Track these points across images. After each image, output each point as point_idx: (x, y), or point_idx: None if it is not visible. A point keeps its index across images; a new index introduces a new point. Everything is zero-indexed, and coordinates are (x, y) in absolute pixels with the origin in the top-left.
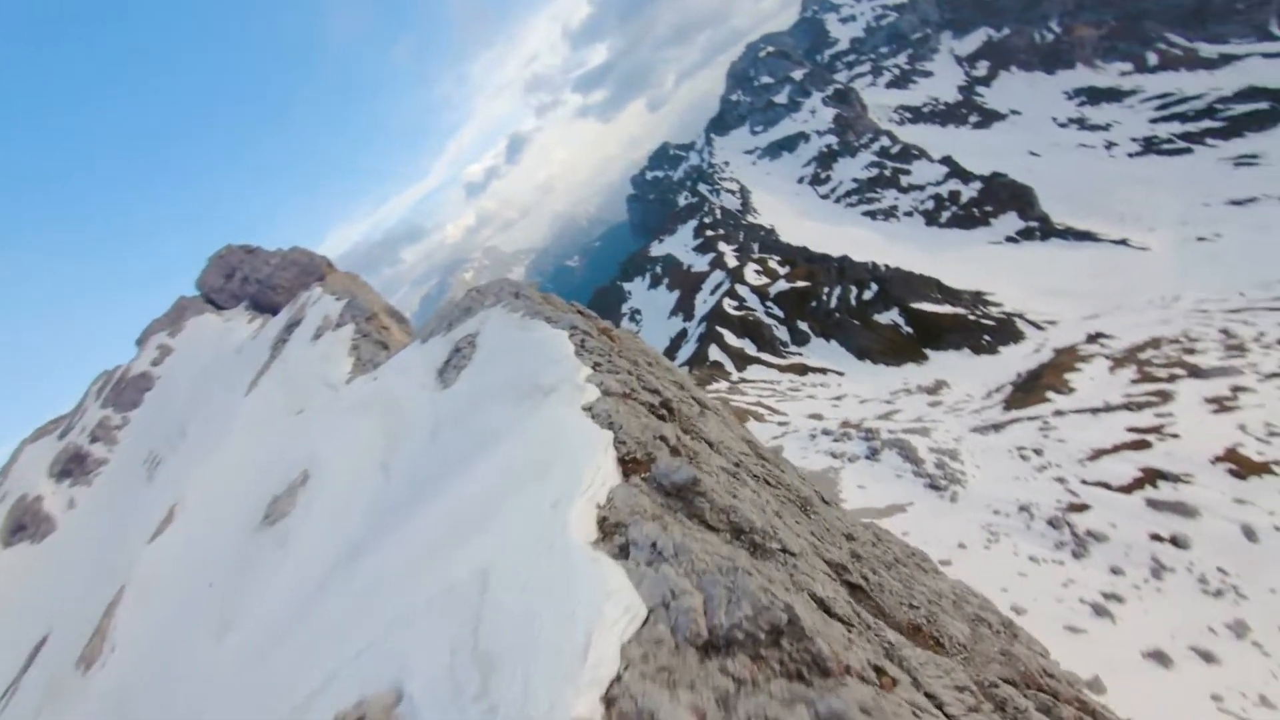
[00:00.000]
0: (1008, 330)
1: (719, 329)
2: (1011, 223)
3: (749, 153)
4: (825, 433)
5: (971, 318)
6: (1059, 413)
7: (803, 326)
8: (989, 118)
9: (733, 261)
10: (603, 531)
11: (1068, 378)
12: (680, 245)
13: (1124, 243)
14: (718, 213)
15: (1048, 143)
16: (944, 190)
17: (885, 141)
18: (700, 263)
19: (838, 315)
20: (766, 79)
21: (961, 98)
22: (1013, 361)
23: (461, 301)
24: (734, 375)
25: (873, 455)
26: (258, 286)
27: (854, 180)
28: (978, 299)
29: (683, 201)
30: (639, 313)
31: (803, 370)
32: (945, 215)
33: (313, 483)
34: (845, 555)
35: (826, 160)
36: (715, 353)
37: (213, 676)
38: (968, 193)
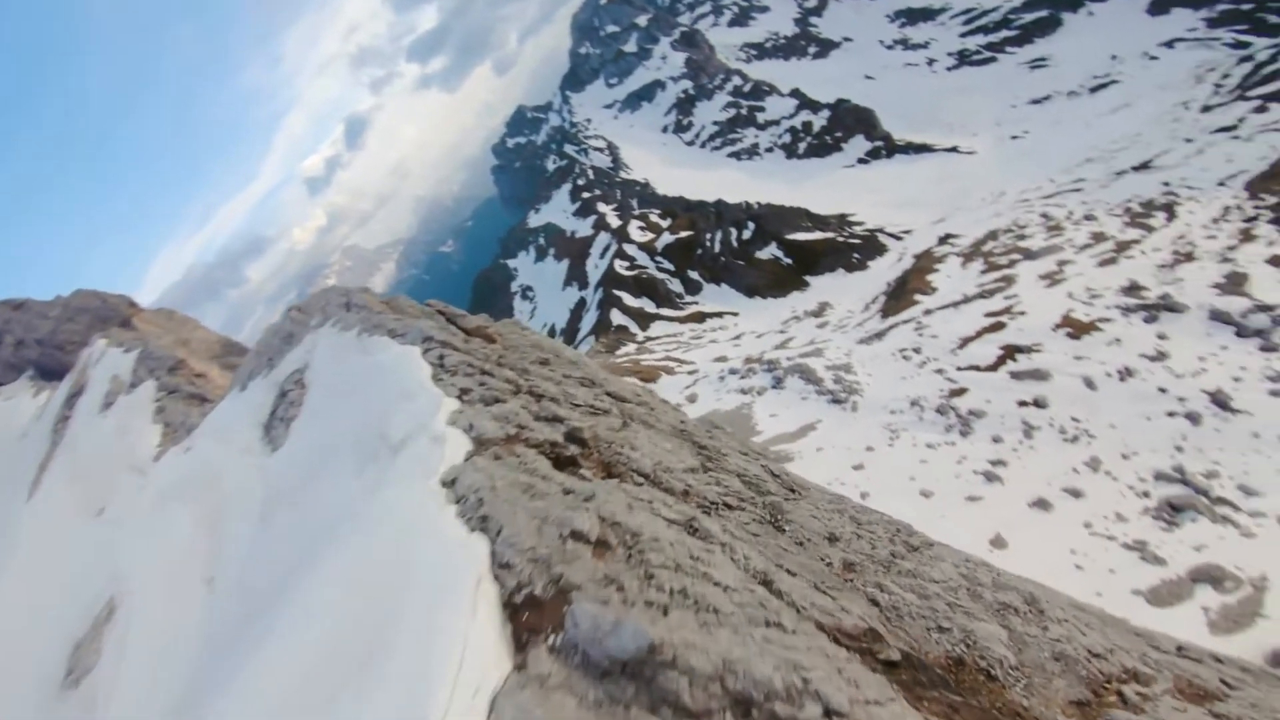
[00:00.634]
0: (872, 246)
1: (616, 292)
2: (860, 145)
3: (608, 107)
4: (732, 372)
5: (840, 240)
6: (927, 311)
7: (694, 275)
8: (826, 47)
9: (615, 221)
10: None
11: (929, 279)
12: (559, 212)
13: (954, 150)
14: (590, 173)
15: (879, 65)
16: (797, 122)
17: (737, 81)
18: (583, 227)
19: (723, 259)
20: (612, 28)
21: (798, 30)
22: (881, 273)
23: (281, 327)
24: (640, 336)
25: (778, 384)
26: (39, 349)
27: (714, 123)
28: (843, 221)
29: (551, 166)
30: (531, 289)
31: (701, 318)
32: (802, 146)
33: (121, 615)
34: (862, 605)
35: (685, 106)
36: (618, 317)
37: None
38: (818, 122)
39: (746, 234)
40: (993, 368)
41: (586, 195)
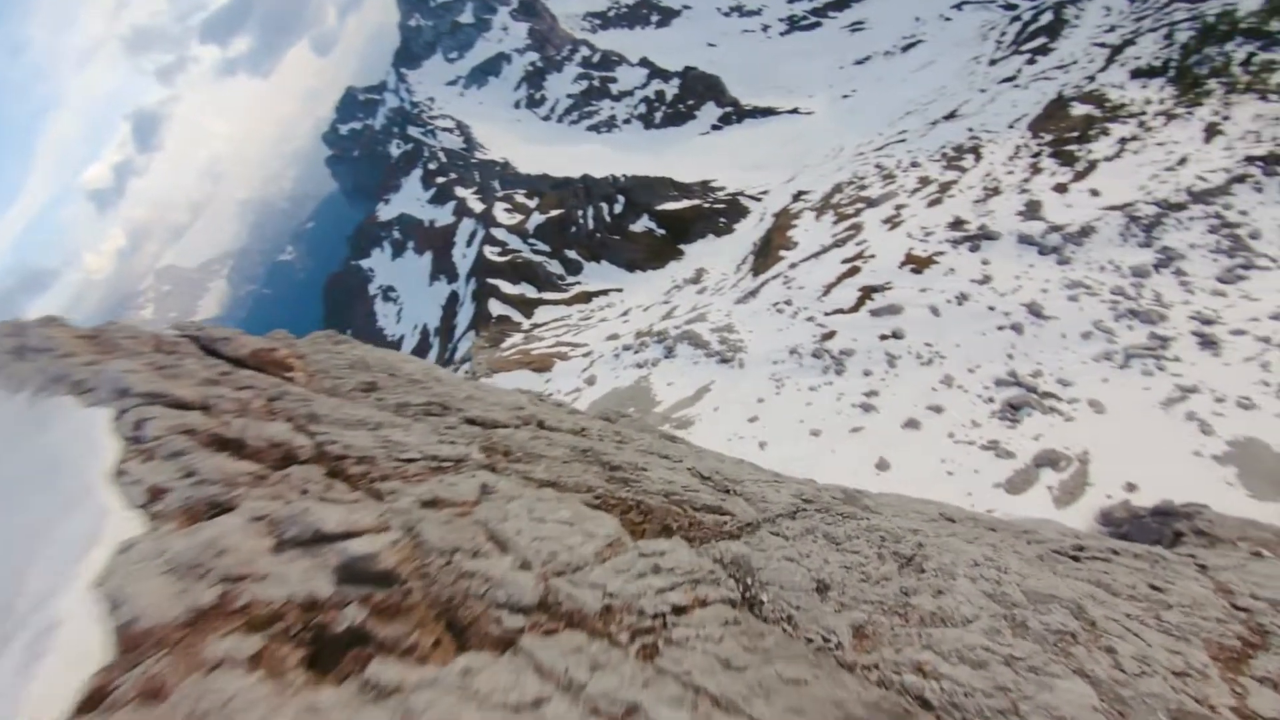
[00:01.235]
0: (736, 209)
1: (491, 281)
2: (712, 112)
3: (452, 84)
4: (626, 348)
5: (706, 206)
6: (792, 265)
7: (572, 255)
8: (667, 15)
9: (478, 205)
10: None
11: (790, 235)
12: (412, 201)
13: (795, 111)
14: (441, 156)
15: (719, 32)
16: (650, 92)
17: (586, 51)
18: (442, 215)
19: (598, 235)
20: None
21: None
22: (747, 234)
23: None
24: (525, 324)
25: (669, 354)
26: None
27: (568, 96)
28: (706, 188)
29: (396, 151)
30: (393, 289)
31: (586, 298)
32: (658, 116)
33: None
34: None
35: (535, 79)
36: (497, 307)
37: None
38: (670, 90)
39: (618, 208)
40: (854, 309)
41: (441, 180)
